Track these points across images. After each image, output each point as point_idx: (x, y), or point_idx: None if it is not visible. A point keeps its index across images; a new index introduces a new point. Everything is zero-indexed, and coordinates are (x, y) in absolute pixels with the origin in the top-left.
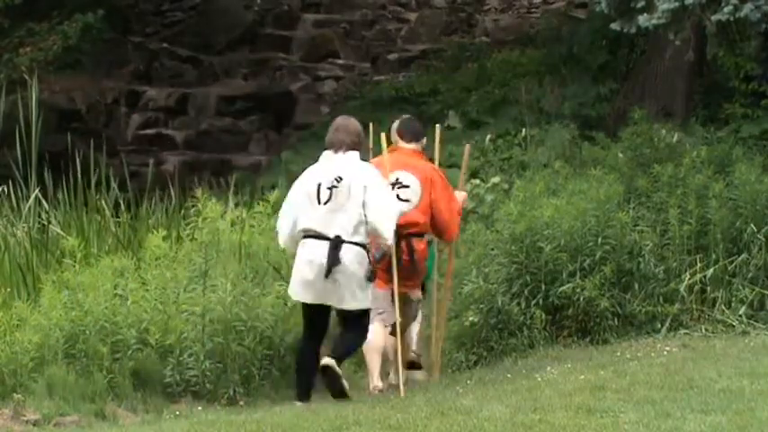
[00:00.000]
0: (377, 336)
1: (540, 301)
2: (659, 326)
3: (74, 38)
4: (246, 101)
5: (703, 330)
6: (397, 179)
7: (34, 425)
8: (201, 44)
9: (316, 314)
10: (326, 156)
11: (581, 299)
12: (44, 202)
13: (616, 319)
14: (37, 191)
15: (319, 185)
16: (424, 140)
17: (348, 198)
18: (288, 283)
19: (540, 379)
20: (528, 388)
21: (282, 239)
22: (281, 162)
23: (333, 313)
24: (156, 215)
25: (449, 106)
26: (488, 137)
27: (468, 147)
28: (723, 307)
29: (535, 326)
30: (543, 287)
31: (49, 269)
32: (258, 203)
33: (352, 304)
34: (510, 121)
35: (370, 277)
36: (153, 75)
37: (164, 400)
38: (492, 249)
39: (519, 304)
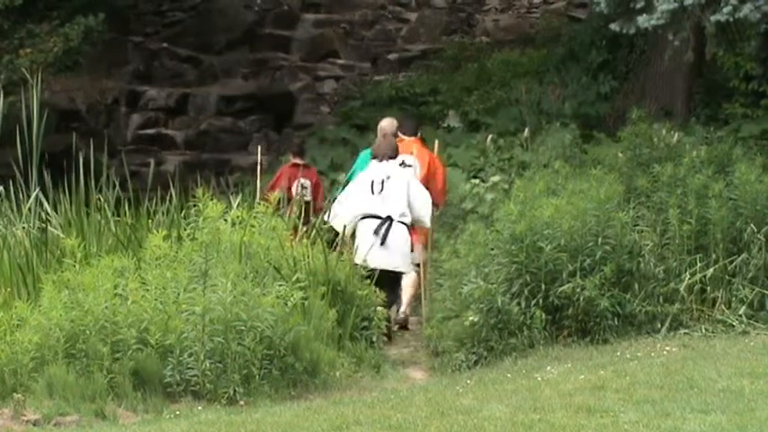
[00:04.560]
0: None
1: (540, 301)
2: (659, 326)
3: (75, 40)
4: (246, 101)
5: (703, 330)
6: (403, 161)
7: (34, 425)
8: (201, 44)
9: (378, 273)
10: (374, 163)
11: (581, 299)
12: (45, 201)
13: (616, 319)
14: (37, 190)
15: (373, 181)
16: (419, 133)
17: (395, 192)
18: (287, 281)
19: (540, 379)
20: (528, 388)
21: (342, 220)
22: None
23: None
24: (157, 215)
25: (449, 106)
26: (489, 137)
27: (437, 142)
28: (723, 307)
29: (535, 326)
30: (543, 287)
31: (49, 269)
32: (258, 203)
33: (397, 267)
34: (510, 121)
35: (411, 248)
36: (153, 75)
37: (164, 400)
38: (492, 249)
39: (519, 304)
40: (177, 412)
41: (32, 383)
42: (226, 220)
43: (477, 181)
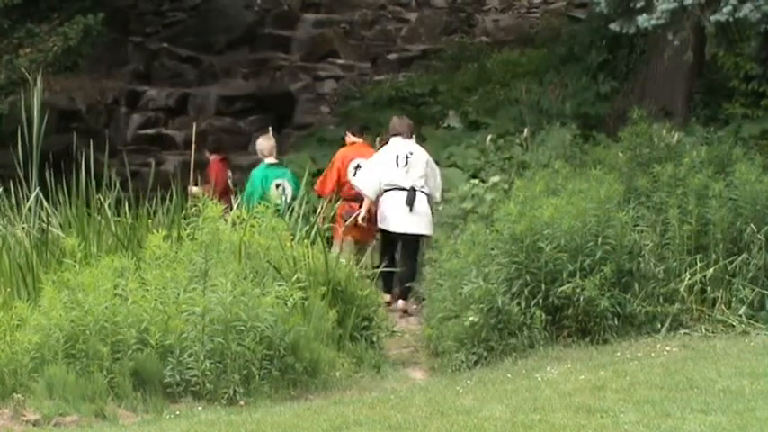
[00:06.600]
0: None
1: (540, 301)
2: (659, 326)
3: (74, 40)
4: (246, 101)
5: (703, 330)
6: (358, 164)
7: (34, 425)
8: (201, 44)
9: (395, 240)
10: (397, 140)
11: (581, 299)
12: (45, 201)
13: (616, 319)
14: (37, 190)
15: (398, 156)
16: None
17: (417, 165)
18: (287, 281)
19: (540, 379)
20: (528, 388)
21: (370, 191)
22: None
23: None
24: (157, 215)
25: (449, 106)
26: (489, 137)
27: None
28: (723, 307)
29: (535, 326)
30: (543, 287)
31: (49, 269)
32: (259, 203)
33: (423, 231)
34: (510, 121)
35: (433, 213)
36: (153, 75)
37: (164, 400)
38: (492, 249)
39: (519, 304)
40: (177, 412)
41: (32, 383)
42: (225, 220)
43: (476, 181)
